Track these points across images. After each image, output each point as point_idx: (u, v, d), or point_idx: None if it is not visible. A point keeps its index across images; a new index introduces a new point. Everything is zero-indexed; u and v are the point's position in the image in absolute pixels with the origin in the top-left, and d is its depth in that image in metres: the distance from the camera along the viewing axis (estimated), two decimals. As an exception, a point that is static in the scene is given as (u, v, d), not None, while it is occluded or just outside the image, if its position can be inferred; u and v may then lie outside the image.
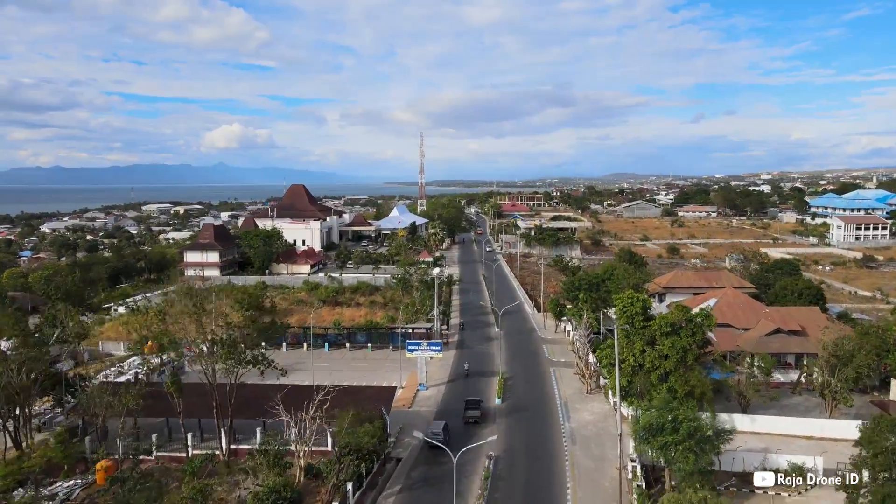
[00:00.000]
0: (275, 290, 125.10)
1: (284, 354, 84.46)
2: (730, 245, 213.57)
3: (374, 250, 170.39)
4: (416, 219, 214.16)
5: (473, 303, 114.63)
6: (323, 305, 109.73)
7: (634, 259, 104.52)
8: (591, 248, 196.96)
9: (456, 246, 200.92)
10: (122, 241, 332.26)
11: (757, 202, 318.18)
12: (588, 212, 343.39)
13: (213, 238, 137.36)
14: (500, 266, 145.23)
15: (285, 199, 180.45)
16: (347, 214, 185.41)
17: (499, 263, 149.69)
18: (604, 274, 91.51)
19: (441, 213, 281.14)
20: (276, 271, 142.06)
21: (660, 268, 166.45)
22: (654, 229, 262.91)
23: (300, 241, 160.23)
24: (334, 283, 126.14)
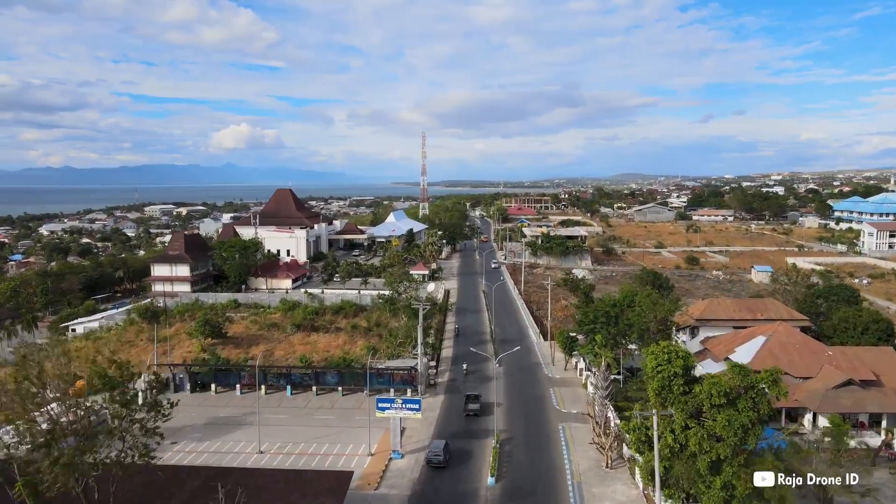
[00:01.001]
0: (248, 309, 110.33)
1: (237, 400, 69.58)
2: (751, 254, 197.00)
3: (365, 261, 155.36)
4: (415, 224, 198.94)
5: (471, 327, 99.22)
6: (296, 331, 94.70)
7: (659, 281, 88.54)
8: (602, 258, 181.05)
9: (457, 254, 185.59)
10: (117, 245, 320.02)
11: (776, 206, 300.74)
12: (598, 215, 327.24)
13: (183, 249, 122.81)
14: (503, 278, 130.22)
15: (270, 204, 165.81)
16: (338, 221, 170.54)
17: (502, 276, 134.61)
18: (623, 300, 76.01)
19: (443, 217, 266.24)
20: (254, 286, 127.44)
21: (679, 281, 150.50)
22: (668, 235, 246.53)
23: (284, 251, 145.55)
24: (315, 301, 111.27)
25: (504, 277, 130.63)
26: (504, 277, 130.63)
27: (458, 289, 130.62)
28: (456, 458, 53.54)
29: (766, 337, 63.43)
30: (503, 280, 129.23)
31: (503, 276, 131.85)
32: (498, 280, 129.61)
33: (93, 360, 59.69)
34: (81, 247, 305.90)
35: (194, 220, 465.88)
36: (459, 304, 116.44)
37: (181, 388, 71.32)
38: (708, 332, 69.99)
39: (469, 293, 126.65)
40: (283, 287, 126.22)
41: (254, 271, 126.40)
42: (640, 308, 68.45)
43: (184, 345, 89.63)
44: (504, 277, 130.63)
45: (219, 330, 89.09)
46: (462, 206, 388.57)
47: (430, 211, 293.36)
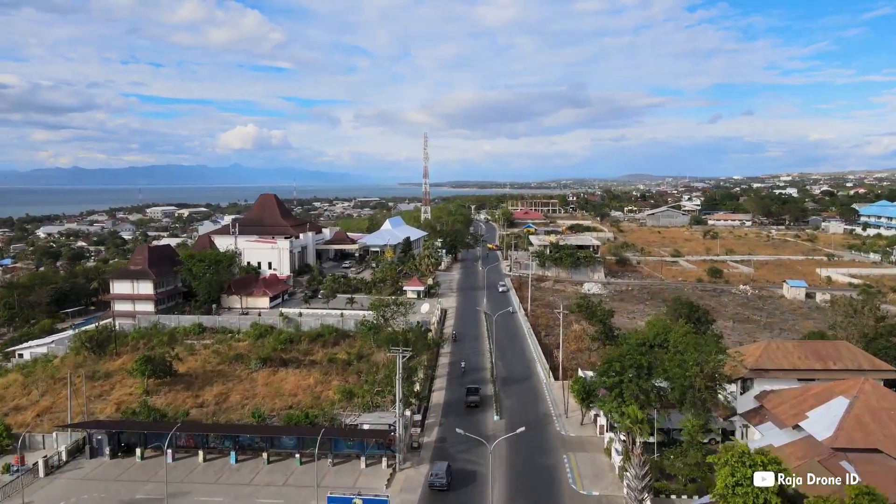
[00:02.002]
0: (214, 335, 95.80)
1: (168, 468, 54.76)
2: (777, 264, 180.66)
3: (356, 273, 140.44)
4: (413, 232, 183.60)
5: (470, 360, 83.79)
6: (262, 367, 79.81)
7: (696, 313, 72.35)
8: (616, 269, 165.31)
9: (458, 265, 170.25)
10: (111, 249, 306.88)
11: (796, 210, 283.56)
12: (608, 219, 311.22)
13: (146, 263, 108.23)
14: (512, 310, 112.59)
15: (253, 211, 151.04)
16: (328, 229, 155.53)
17: (512, 307, 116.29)
18: (654, 338, 60.77)
19: (445, 222, 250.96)
20: (227, 305, 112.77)
21: (702, 297, 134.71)
22: (684, 241, 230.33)
23: (266, 263, 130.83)
24: (290, 326, 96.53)
25: (513, 306, 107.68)
26: (513, 306, 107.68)
27: (456, 308, 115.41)
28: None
29: (850, 399, 47.96)
30: (513, 311, 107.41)
31: (512, 307, 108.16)
32: (504, 306, 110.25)
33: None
34: (73, 251, 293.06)
35: (195, 222, 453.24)
36: (458, 327, 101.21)
37: (99, 451, 56.49)
38: (765, 386, 54.72)
39: (469, 314, 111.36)
40: (259, 306, 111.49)
41: (227, 288, 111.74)
42: (680, 356, 53.02)
43: (126, 384, 74.95)
44: (513, 306, 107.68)
45: (167, 367, 74.32)
46: (466, 209, 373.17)
47: (432, 215, 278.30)
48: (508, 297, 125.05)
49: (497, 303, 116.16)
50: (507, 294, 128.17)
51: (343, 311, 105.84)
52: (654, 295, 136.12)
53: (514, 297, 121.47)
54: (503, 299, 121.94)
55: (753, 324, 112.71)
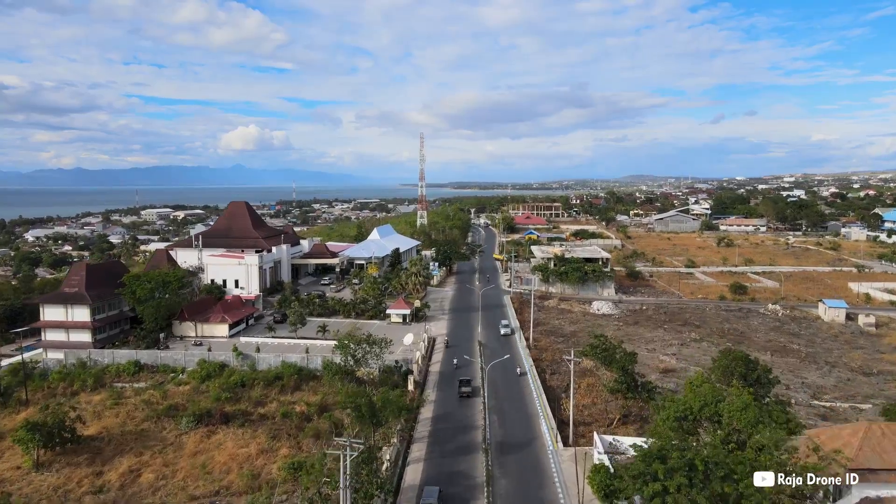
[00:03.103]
0: (151, 375, 79.37)
1: None
2: (803, 276, 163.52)
3: (335, 291, 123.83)
4: (403, 241, 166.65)
5: (454, 416, 67.20)
6: (195, 426, 63.18)
7: (754, 372, 54.13)
8: (627, 283, 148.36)
9: (453, 278, 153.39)
10: (96, 254, 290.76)
11: (814, 215, 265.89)
12: (614, 224, 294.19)
13: (83, 286, 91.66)
14: (512, 340, 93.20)
15: (221, 220, 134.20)
16: (307, 241, 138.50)
17: (511, 336, 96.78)
18: (700, 411, 44.20)
19: (442, 227, 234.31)
20: (180, 333, 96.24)
21: (728, 319, 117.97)
22: (697, 249, 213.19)
23: (232, 281, 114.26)
24: (245, 363, 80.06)
25: (520, 365, 76.98)
26: (520, 365, 76.98)
27: (447, 335, 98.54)
28: None
29: None
30: (521, 373, 78.11)
31: (520, 367, 77.09)
32: (505, 352, 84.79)
33: None
34: (55, 257, 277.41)
35: (190, 225, 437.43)
36: (447, 364, 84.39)
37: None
38: (868, 490, 38.20)
39: (462, 344, 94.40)
40: (217, 335, 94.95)
41: (179, 314, 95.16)
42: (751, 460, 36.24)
43: (17, 452, 58.42)
44: (520, 365, 76.98)
45: (68, 432, 57.77)
46: (465, 213, 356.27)
47: (428, 220, 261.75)
48: (513, 343, 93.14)
49: (497, 348, 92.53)
50: (512, 339, 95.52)
51: (315, 341, 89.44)
52: (673, 316, 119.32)
53: (516, 328, 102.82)
54: (505, 345, 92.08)
55: (793, 356, 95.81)
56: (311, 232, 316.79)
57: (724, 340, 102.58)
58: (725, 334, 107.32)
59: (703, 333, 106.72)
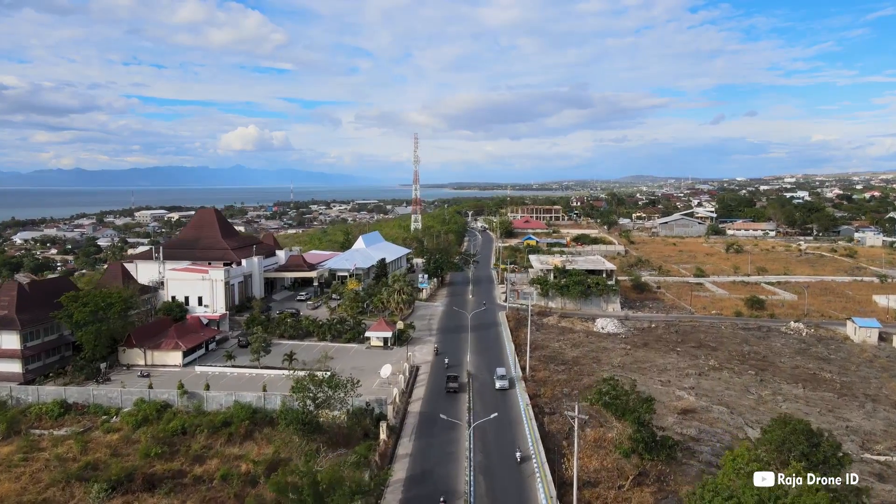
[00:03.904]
0: (79, 419, 67.19)
1: None
2: (822, 287, 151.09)
3: (311, 308, 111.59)
4: (392, 250, 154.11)
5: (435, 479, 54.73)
6: (106, 497, 50.85)
7: (818, 448, 41.48)
8: (633, 297, 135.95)
9: (446, 290, 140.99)
10: (80, 259, 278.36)
11: (826, 219, 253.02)
12: (616, 228, 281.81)
13: (13, 308, 79.47)
14: (510, 395, 72.13)
15: (188, 230, 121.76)
16: (283, 252, 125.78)
17: (509, 391, 76.40)
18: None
19: (437, 232, 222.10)
20: (128, 361, 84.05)
21: (748, 340, 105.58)
22: (705, 256, 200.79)
23: (195, 298, 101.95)
24: (191, 402, 67.88)
25: (520, 449, 57.62)
26: (520, 449, 57.62)
27: (433, 365, 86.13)
28: None
29: None
30: (521, 458, 57.70)
31: (520, 450, 57.31)
32: (502, 412, 64.35)
33: None
34: (37, 262, 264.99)
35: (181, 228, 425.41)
36: (430, 401, 72.03)
37: None
38: None
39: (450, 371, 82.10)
40: (169, 363, 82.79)
41: (126, 339, 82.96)
42: None
43: None
44: (520, 449, 57.62)
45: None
46: (462, 216, 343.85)
47: (423, 223, 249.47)
48: (511, 402, 70.76)
49: (489, 401, 72.39)
50: (510, 396, 72.85)
51: (281, 372, 77.31)
52: (686, 336, 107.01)
53: (516, 377, 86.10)
54: (501, 402, 69.86)
55: (827, 387, 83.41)
56: (305, 235, 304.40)
57: (745, 368, 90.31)
58: (746, 359, 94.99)
59: (722, 358, 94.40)
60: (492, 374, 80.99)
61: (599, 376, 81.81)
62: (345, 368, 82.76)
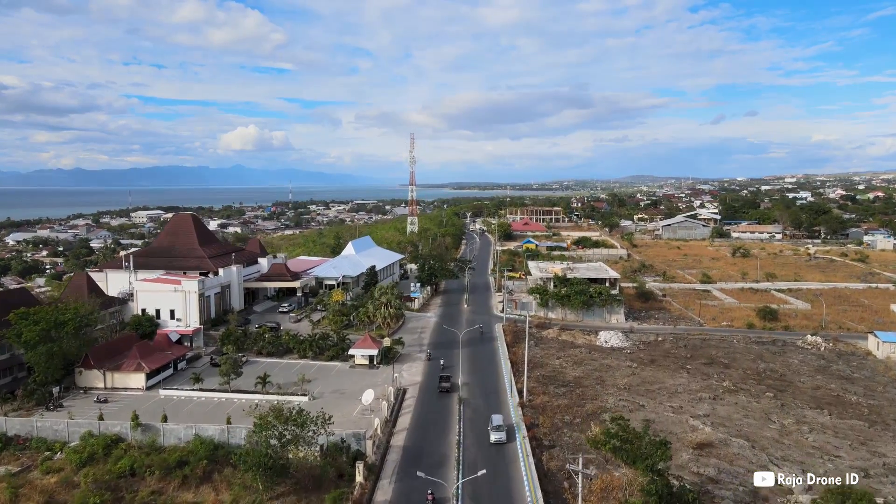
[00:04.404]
0: (19, 455, 59.52)
1: None
2: (835, 294, 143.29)
3: (294, 321, 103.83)
4: (384, 256, 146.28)
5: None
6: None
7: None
8: (638, 306, 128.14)
9: (440, 299, 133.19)
10: (70, 261, 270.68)
11: (834, 222, 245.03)
12: (618, 231, 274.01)
13: (-42, 327, 71.72)
14: (506, 451, 61.24)
15: (163, 237, 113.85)
16: (265, 260, 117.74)
17: (507, 446, 64.54)
18: None
19: (433, 235, 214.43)
20: (85, 384, 76.35)
21: (762, 356, 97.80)
22: (710, 261, 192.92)
23: (167, 311, 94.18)
24: (148, 435, 60.19)
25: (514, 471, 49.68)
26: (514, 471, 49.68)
27: (421, 387, 78.38)
28: None
29: None
30: None
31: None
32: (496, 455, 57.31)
33: None
34: (25, 265, 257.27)
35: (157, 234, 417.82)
36: (416, 432, 64.29)
37: None
38: None
39: (440, 401, 74.41)
40: (131, 387, 75.10)
41: (83, 360, 75.26)
42: None
43: None
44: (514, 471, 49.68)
45: None
46: (460, 218, 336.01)
47: (420, 225, 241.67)
48: (509, 458, 58.03)
49: (484, 458, 61.15)
50: (507, 452, 59.39)
51: (253, 396, 69.55)
52: (696, 352, 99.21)
53: (516, 423, 75.71)
54: (497, 462, 56.41)
55: (854, 413, 75.56)
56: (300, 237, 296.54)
57: (762, 389, 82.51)
58: (762, 379, 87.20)
59: (736, 378, 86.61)
60: (486, 398, 73.38)
61: (604, 401, 74.31)
62: (324, 392, 75.50)
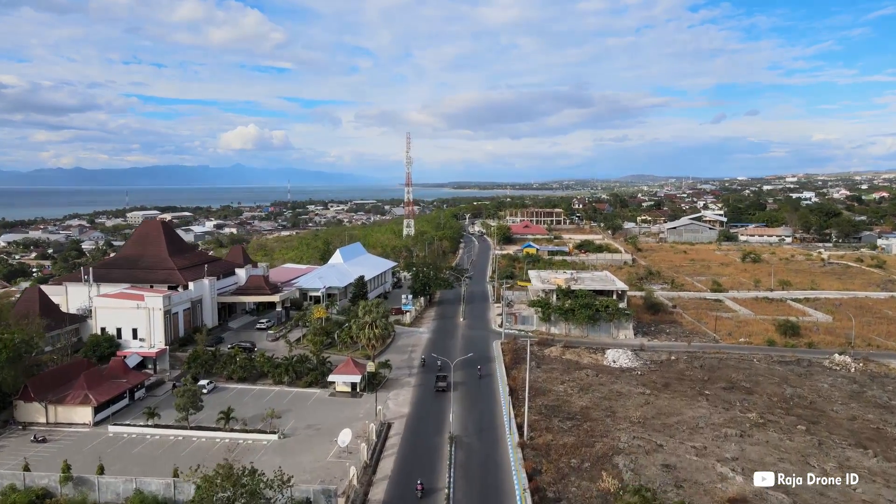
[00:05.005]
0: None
1: None
2: (856, 304, 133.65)
3: (271, 339, 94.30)
4: (375, 264, 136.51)
5: None
6: None
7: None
8: (647, 319, 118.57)
9: (433, 311, 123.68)
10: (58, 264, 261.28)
11: (846, 225, 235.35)
12: (621, 233, 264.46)
13: None
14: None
15: (129, 246, 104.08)
16: (243, 271, 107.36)
17: None
18: None
19: (430, 240, 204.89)
20: (26, 418, 66.88)
21: (788, 378, 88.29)
22: (719, 266, 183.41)
23: (129, 330, 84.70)
24: (79, 491, 50.78)
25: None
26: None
27: (408, 421, 68.92)
28: None
29: None
30: None
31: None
32: None
33: None
34: (10, 268, 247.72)
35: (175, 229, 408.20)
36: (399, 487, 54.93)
37: None
38: None
39: (429, 438, 65.07)
40: (77, 422, 65.67)
41: (22, 391, 65.82)
42: None
43: None
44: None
45: None
46: (458, 220, 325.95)
47: (416, 230, 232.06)
48: None
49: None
50: None
51: (215, 435, 60.15)
52: (713, 373, 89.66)
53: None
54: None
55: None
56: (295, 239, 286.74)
57: (793, 420, 72.96)
58: (791, 407, 77.65)
59: (762, 406, 77.10)
60: (481, 436, 64.07)
61: (616, 438, 64.79)
62: (297, 427, 66.05)
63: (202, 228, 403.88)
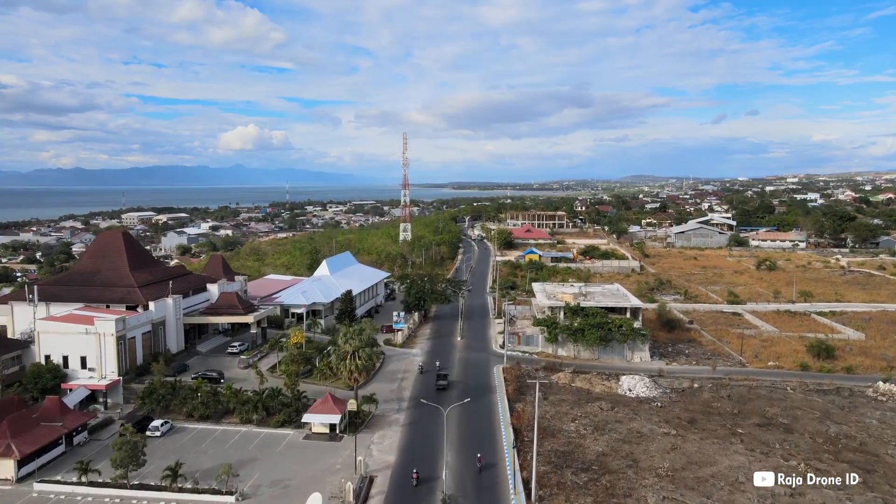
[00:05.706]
0: None
1: None
2: (886, 319, 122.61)
3: (242, 366, 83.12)
4: (366, 275, 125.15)
5: None
6: None
7: None
8: (663, 338, 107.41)
9: (429, 328, 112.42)
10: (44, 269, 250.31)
11: (864, 229, 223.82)
12: (626, 238, 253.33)
13: None
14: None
15: (86, 259, 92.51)
16: (216, 286, 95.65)
17: None
18: None
19: (428, 246, 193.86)
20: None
21: (828, 411, 77.20)
22: (733, 274, 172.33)
23: (77, 358, 73.60)
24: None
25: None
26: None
27: (394, 474, 57.87)
28: None
29: None
30: None
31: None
32: None
33: None
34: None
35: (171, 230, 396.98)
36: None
37: None
38: None
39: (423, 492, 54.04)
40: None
41: (-69, 442, 54.57)
42: None
43: None
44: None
45: None
46: (457, 223, 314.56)
47: (412, 235, 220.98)
48: None
49: None
50: None
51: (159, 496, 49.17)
52: (744, 405, 78.55)
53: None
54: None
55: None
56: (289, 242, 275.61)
57: (844, 467, 61.84)
58: (839, 450, 66.54)
59: (805, 450, 66.00)
60: (480, 498, 53.04)
61: (642, 499, 53.73)
62: (260, 485, 54.90)
63: (197, 230, 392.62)
